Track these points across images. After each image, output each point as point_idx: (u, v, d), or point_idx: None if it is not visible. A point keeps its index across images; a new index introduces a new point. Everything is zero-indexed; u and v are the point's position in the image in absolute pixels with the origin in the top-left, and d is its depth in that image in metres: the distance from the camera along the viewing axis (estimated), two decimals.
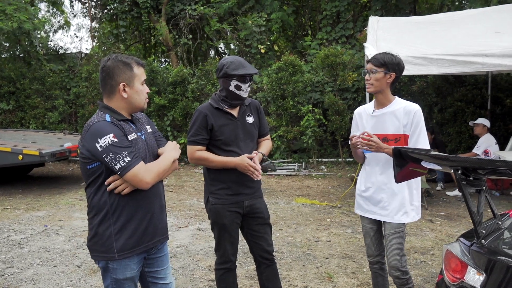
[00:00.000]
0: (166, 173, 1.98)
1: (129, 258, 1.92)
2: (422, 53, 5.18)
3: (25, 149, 7.15)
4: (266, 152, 2.64)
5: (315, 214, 5.67)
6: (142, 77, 1.97)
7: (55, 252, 4.45)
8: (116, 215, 1.89)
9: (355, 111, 2.74)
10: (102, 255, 1.91)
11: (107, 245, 1.89)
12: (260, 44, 10.87)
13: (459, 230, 4.80)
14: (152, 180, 1.88)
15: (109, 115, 1.90)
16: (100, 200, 1.89)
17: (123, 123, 1.92)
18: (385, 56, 2.46)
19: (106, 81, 1.92)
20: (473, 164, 1.72)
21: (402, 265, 2.49)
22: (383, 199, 2.52)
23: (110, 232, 1.89)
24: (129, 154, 1.82)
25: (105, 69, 1.92)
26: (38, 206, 6.54)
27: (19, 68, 11.90)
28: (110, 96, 1.94)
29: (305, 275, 3.69)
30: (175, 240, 4.73)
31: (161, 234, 2.07)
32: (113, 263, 1.91)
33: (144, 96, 1.99)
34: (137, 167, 1.82)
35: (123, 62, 1.92)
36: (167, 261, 2.17)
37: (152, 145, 2.06)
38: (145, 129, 2.08)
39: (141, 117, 2.14)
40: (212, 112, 2.51)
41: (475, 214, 1.78)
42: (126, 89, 1.92)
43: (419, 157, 1.93)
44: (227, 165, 2.46)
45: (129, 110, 1.98)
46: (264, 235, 2.63)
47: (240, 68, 2.43)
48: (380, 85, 2.47)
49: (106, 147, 1.79)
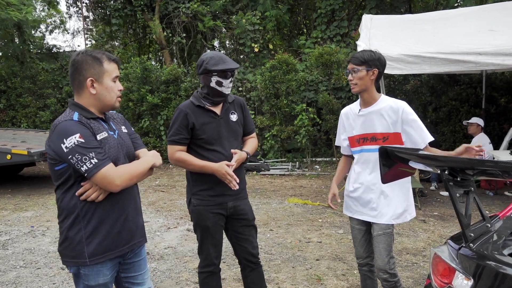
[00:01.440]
0: (140, 178, 1.88)
1: (101, 263, 1.82)
2: (415, 51, 5.10)
3: (13, 148, 7.03)
4: (251, 151, 2.55)
5: (307, 214, 5.59)
6: (114, 73, 1.86)
7: (40, 254, 4.34)
8: (87, 218, 1.80)
9: (341, 112, 2.68)
10: (72, 260, 1.81)
11: (77, 249, 1.79)
12: (254, 43, 10.78)
13: (452, 231, 4.73)
14: (122, 183, 1.77)
15: (78, 113, 1.79)
16: (69, 202, 1.80)
17: (93, 121, 1.83)
18: (364, 53, 2.42)
19: (75, 76, 1.82)
20: (461, 165, 1.64)
21: (390, 267, 2.42)
22: (372, 199, 2.46)
23: (81, 236, 1.79)
24: (96, 155, 1.71)
25: (73, 64, 1.82)
26: (26, 206, 6.43)
27: (11, 67, 11.75)
28: (79, 92, 1.84)
29: (294, 277, 3.61)
30: (163, 241, 4.64)
31: (137, 237, 1.97)
32: (85, 269, 1.81)
33: (115, 94, 1.88)
34: (105, 169, 1.72)
35: (93, 56, 1.82)
36: (144, 266, 2.07)
37: (127, 146, 1.96)
38: (119, 129, 1.98)
39: (117, 117, 2.05)
40: (193, 110, 2.41)
41: (463, 216, 1.70)
42: (95, 85, 1.81)
43: (406, 157, 1.85)
44: (204, 169, 2.37)
45: (99, 107, 1.87)
46: (248, 237, 2.54)
47: (220, 63, 2.34)
48: (365, 84, 2.42)
49: (72, 148, 1.69)
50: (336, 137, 2.77)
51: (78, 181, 1.78)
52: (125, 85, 9.86)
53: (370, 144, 2.45)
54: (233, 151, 2.42)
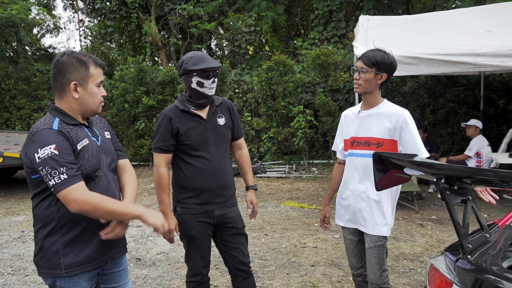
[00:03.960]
0: (106, 216, 1.69)
1: (78, 275, 1.73)
2: (413, 52, 5.02)
3: (6, 151, 6.94)
4: (252, 177, 2.59)
5: (303, 218, 5.50)
6: (99, 78, 1.77)
7: (29, 260, 4.24)
8: (65, 229, 1.71)
9: (343, 113, 2.57)
10: (48, 271, 1.72)
11: (53, 261, 1.70)
12: (249, 45, 10.70)
13: (450, 235, 4.65)
14: (81, 209, 1.61)
15: (59, 120, 1.70)
16: (46, 211, 1.71)
17: (74, 128, 1.74)
18: (377, 54, 2.25)
19: (57, 77, 1.72)
20: (459, 173, 1.55)
21: (383, 281, 2.31)
22: (362, 208, 2.34)
23: (57, 247, 1.70)
24: (67, 170, 1.60)
25: (57, 65, 1.72)
26: (18, 210, 6.33)
27: (4, 68, 11.64)
28: (61, 95, 1.75)
29: (289, 284, 3.51)
30: (156, 246, 4.54)
31: (116, 248, 1.88)
32: (61, 281, 1.72)
33: (99, 100, 1.79)
34: (72, 187, 1.59)
35: (79, 59, 1.73)
36: (125, 276, 1.98)
37: (110, 152, 1.88)
38: (103, 134, 1.90)
39: (100, 122, 1.96)
40: (177, 114, 2.31)
41: (460, 226, 1.61)
42: (78, 89, 1.72)
43: (401, 164, 1.76)
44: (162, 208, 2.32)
45: (81, 113, 1.78)
46: (238, 246, 2.44)
47: (200, 62, 2.23)
48: (369, 86, 2.29)
49: (44, 160, 1.59)
50: (334, 141, 2.66)
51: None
52: (121, 86, 9.76)
53: (362, 148, 2.34)
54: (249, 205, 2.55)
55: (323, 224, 2.64)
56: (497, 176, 1.43)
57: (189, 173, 2.33)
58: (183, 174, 2.34)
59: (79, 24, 13.61)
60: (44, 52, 12.95)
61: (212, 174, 2.33)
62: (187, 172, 2.33)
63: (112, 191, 1.83)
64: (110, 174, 1.86)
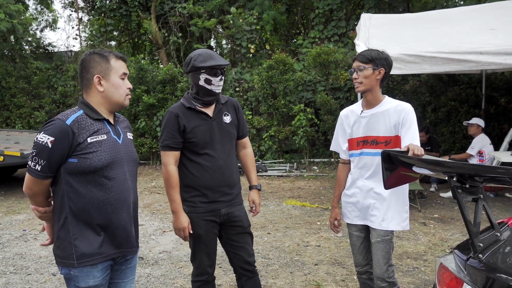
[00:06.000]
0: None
1: (91, 265, 1.78)
2: (415, 51, 5.01)
3: (6, 150, 6.90)
4: (256, 177, 2.59)
5: (305, 216, 5.49)
6: (121, 70, 1.86)
7: (31, 259, 4.23)
8: (75, 220, 1.77)
9: (341, 113, 2.56)
10: (62, 261, 1.79)
11: (67, 250, 1.77)
12: (250, 44, 10.67)
13: (453, 234, 4.64)
14: (26, 193, 1.82)
15: (82, 112, 1.80)
16: (59, 201, 1.79)
17: (96, 122, 1.80)
18: (372, 52, 2.30)
19: (83, 74, 1.84)
20: (470, 171, 1.53)
21: (389, 275, 2.32)
22: (371, 205, 2.35)
23: (70, 237, 1.76)
24: (43, 165, 1.71)
25: (81, 63, 1.85)
26: (19, 209, 6.30)
27: (4, 66, 11.59)
28: (88, 91, 1.85)
29: (292, 283, 3.50)
30: (158, 245, 4.53)
31: (128, 246, 1.90)
32: (75, 270, 1.77)
33: (124, 91, 1.86)
34: (32, 178, 1.75)
35: (100, 54, 1.85)
36: (131, 274, 2.01)
37: (130, 152, 1.92)
38: (125, 134, 1.95)
39: (124, 121, 2.02)
40: (184, 112, 2.30)
41: (472, 224, 1.60)
42: (102, 82, 1.82)
43: (410, 162, 1.75)
44: (173, 207, 2.32)
45: (108, 106, 1.85)
46: (244, 245, 2.43)
47: (208, 60, 2.23)
48: (370, 83, 2.30)
49: (38, 144, 1.71)
50: (332, 141, 2.64)
51: (65, 180, 1.75)
52: None
53: (371, 147, 2.34)
54: (251, 205, 2.54)
55: (333, 228, 2.61)
56: (509, 173, 1.41)
57: (195, 171, 2.32)
58: (189, 173, 2.33)
59: (79, 23, 13.56)
60: (43, 51, 12.89)
61: (218, 172, 2.32)
62: (193, 170, 2.32)
63: (127, 189, 1.86)
64: (129, 173, 1.88)
